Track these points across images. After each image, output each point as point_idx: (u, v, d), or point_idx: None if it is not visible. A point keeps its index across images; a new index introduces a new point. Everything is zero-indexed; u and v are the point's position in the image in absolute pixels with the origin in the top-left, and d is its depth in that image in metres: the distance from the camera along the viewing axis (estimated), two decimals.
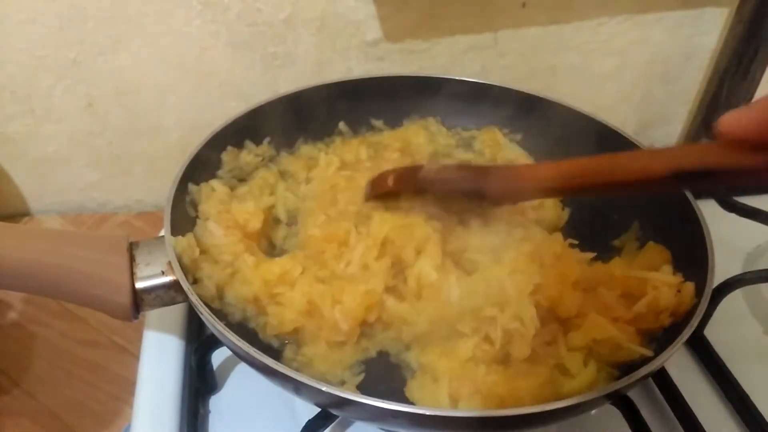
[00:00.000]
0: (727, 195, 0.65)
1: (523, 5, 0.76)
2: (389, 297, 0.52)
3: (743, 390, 0.54)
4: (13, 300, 0.71)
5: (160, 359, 0.56)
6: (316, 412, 0.48)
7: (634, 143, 0.60)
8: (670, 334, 0.47)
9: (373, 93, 0.67)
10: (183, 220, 0.54)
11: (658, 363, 0.43)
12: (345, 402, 0.40)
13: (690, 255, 0.51)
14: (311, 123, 0.66)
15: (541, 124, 0.66)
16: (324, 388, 0.40)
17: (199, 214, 0.55)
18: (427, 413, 0.39)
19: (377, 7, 0.73)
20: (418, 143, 0.67)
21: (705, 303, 0.46)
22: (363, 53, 0.77)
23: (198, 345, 0.53)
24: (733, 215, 0.64)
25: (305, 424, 0.48)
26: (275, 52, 0.75)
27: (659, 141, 0.93)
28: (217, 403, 0.55)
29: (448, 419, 0.40)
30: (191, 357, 0.55)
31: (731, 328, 0.59)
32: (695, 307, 0.47)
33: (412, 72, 0.75)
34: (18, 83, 0.74)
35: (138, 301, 0.49)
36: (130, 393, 0.54)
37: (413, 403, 0.46)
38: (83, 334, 0.68)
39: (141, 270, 0.49)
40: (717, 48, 0.84)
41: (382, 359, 0.51)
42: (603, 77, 0.85)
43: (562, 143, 0.63)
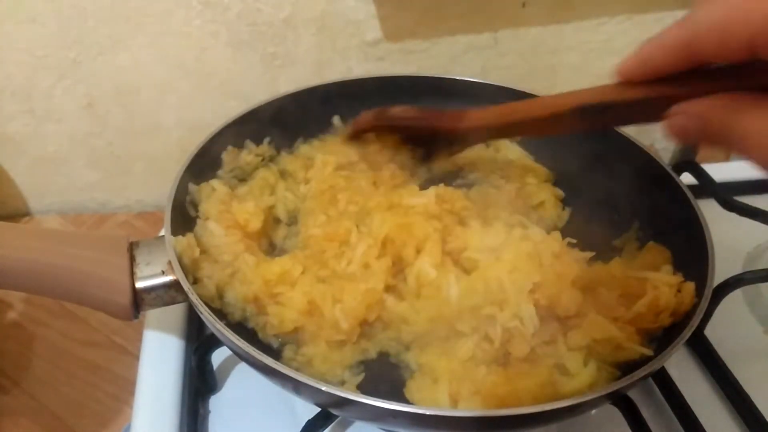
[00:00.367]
0: (727, 195, 0.65)
1: (523, 5, 0.76)
2: (389, 296, 0.52)
3: (743, 390, 0.54)
4: (13, 300, 0.71)
5: (160, 359, 0.56)
6: (316, 412, 0.48)
7: (634, 143, 0.60)
8: (670, 333, 0.47)
9: (373, 93, 0.67)
10: (183, 219, 0.54)
11: (658, 363, 0.43)
12: (345, 402, 0.40)
13: (690, 255, 0.51)
14: (311, 123, 0.66)
15: None
16: (324, 387, 0.40)
17: (200, 213, 0.55)
18: (427, 413, 0.39)
19: (377, 7, 0.73)
20: None
21: (705, 303, 0.46)
22: (363, 53, 0.77)
23: (198, 345, 0.53)
24: (733, 215, 0.64)
25: (305, 424, 0.48)
26: (275, 52, 0.75)
27: (659, 140, 0.93)
28: (217, 403, 0.55)
29: (448, 419, 0.40)
30: (191, 357, 0.54)
31: (731, 328, 0.59)
32: (695, 307, 0.46)
33: (412, 72, 0.75)
34: (18, 83, 0.74)
35: (138, 301, 0.49)
36: (130, 393, 0.54)
37: (413, 404, 0.46)
38: (83, 334, 0.68)
39: (141, 270, 0.49)
40: None
41: (382, 359, 0.51)
42: (603, 77, 0.84)
43: (562, 143, 0.63)
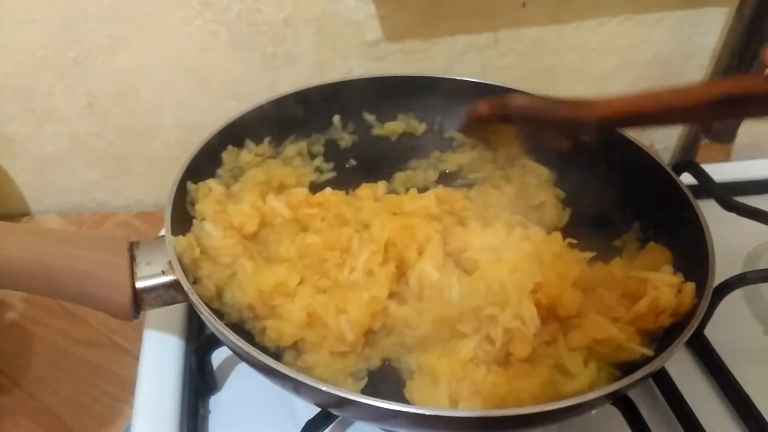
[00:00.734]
0: (727, 195, 0.65)
1: (523, 5, 0.76)
2: (392, 302, 0.51)
3: (743, 390, 0.54)
4: (13, 300, 0.71)
5: (160, 359, 0.56)
6: (316, 412, 0.48)
7: (634, 143, 0.60)
8: (670, 334, 0.47)
9: (373, 93, 0.67)
10: (183, 219, 0.54)
11: (658, 363, 0.43)
12: (345, 402, 0.40)
13: (690, 255, 0.51)
14: (311, 122, 0.66)
15: None
16: (324, 387, 0.40)
17: (195, 213, 0.55)
18: (427, 413, 0.39)
19: (377, 7, 0.73)
20: None
21: (705, 303, 0.46)
22: (363, 53, 0.77)
23: (198, 345, 0.53)
24: (733, 215, 0.64)
25: (305, 424, 0.48)
26: (275, 52, 0.75)
27: (659, 141, 0.93)
28: (217, 403, 0.55)
29: (448, 419, 0.40)
30: (191, 357, 0.54)
31: (731, 328, 0.59)
32: (695, 307, 0.47)
33: (412, 72, 0.75)
34: (18, 83, 0.74)
35: (138, 301, 0.49)
36: (130, 393, 0.54)
37: (413, 404, 0.46)
38: (83, 334, 0.68)
39: (141, 269, 0.49)
40: (717, 48, 0.84)
41: (383, 363, 0.51)
42: (603, 77, 0.85)
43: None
